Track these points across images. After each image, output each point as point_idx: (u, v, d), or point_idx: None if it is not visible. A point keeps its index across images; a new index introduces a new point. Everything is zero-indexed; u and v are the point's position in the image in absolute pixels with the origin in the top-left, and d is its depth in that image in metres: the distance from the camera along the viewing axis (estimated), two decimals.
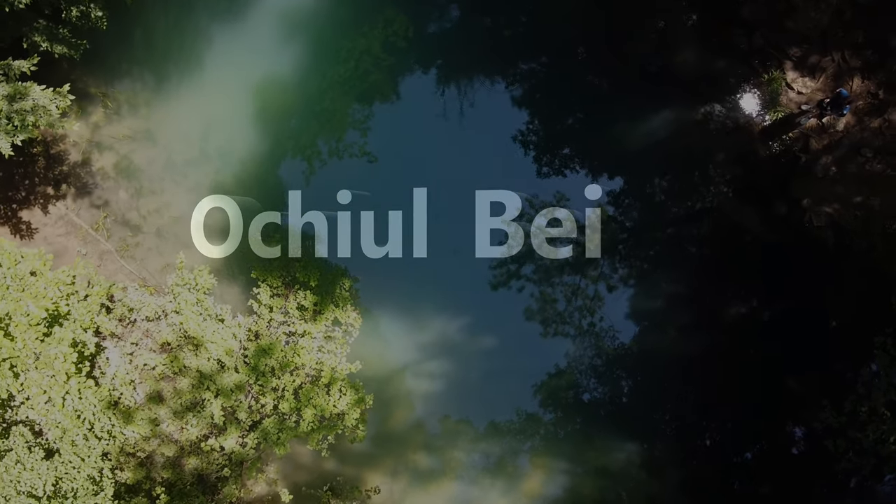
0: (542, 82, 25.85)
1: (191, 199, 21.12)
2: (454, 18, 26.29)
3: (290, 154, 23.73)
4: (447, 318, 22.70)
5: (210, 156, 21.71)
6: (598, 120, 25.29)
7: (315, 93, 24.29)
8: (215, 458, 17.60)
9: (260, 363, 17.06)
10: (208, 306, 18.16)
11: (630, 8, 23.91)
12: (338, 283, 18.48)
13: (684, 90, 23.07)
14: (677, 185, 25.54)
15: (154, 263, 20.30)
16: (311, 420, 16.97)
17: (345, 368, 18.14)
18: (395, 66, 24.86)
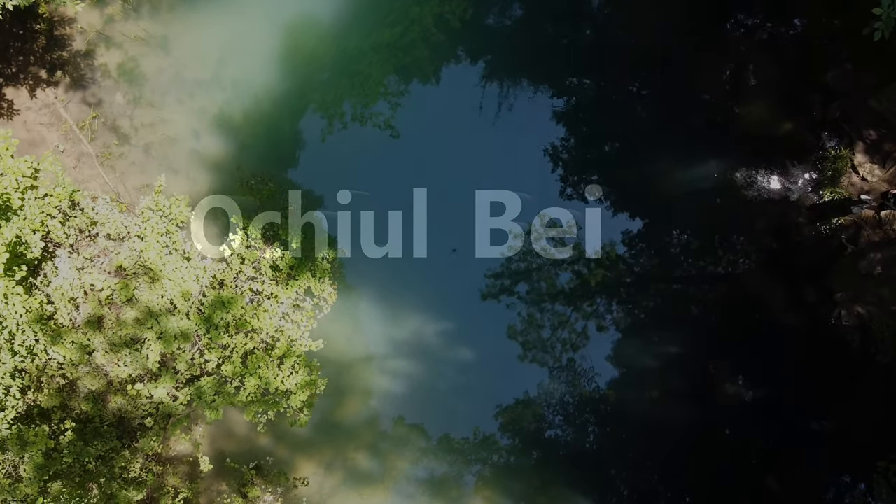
0: (588, 102, 24.23)
1: (191, 123, 19.40)
2: (515, 16, 24.60)
3: (311, 107, 22.04)
4: (427, 319, 21.04)
5: (223, 83, 19.95)
6: (637, 155, 23.76)
7: (354, 51, 22.59)
8: (142, 403, 15.91)
9: (215, 315, 15.36)
10: (177, 240, 16.46)
11: (704, 47, 22.25)
12: (321, 251, 16.79)
13: (739, 144, 21.44)
14: (699, 242, 24.11)
15: (134, 180, 18.57)
16: (253, 391, 15.27)
17: (305, 344, 16.47)
18: (443, 46, 23.24)
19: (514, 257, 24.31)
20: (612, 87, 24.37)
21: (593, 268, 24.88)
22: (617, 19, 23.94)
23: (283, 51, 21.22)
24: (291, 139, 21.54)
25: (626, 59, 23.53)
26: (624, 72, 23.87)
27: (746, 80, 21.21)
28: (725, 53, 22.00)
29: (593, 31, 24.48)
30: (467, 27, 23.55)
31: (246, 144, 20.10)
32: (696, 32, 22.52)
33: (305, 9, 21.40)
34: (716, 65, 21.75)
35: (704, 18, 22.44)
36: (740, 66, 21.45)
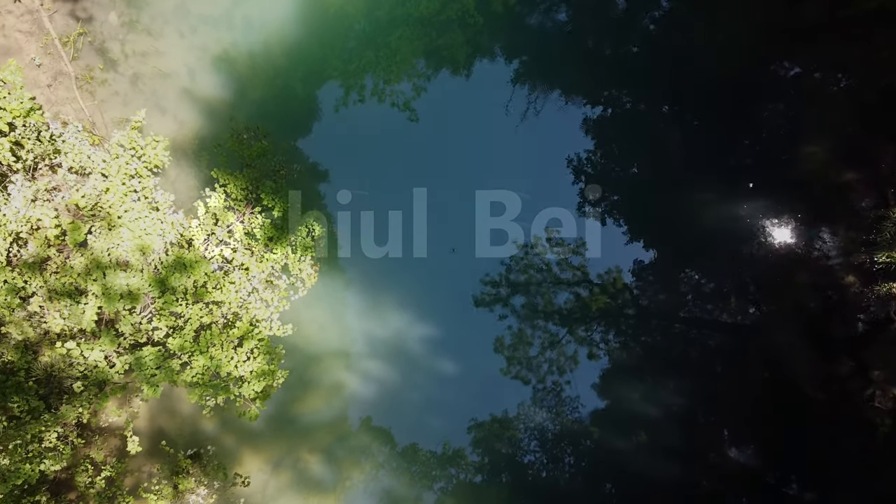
0: (623, 118, 22.30)
1: (189, 60, 17.29)
2: (558, 19, 22.60)
3: (330, 73, 20.03)
4: (413, 320, 19.03)
5: (234, 22, 17.85)
6: (668, 182, 21.91)
7: (385, 20, 20.55)
8: (75, 361, 13.84)
9: (172, 277, 13.29)
10: (147, 186, 14.39)
11: (768, 78, 20.27)
12: (306, 225, 14.74)
13: (787, 188, 19.52)
14: (713, 285, 22.38)
15: (114, 111, 16.47)
16: (201, 372, 13.20)
17: (271, 327, 14.45)
18: (480, 33, 21.33)
19: (514, 267, 22.73)
20: (650, 108, 22.47)
21: (596, 293, 23.27)
22: (671, 38, 21.96)
23: (311, 3, 19.20)
24: (300, 101, 19.53)
25: (672, 81, 21.63)
26: (665, 94, 21.98)
27: (810, 121, 19.21)
28: (792, 89, 20.02)
29: (640, 47, 22.52)
30: (508, 16, 21.63)
31: (246, 95, 18.04)
32: (760, 62, 20.53)
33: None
34: (778, 99, 19.77)
35: (774, 50, 20.43)
36: (806, 105, 19.44)
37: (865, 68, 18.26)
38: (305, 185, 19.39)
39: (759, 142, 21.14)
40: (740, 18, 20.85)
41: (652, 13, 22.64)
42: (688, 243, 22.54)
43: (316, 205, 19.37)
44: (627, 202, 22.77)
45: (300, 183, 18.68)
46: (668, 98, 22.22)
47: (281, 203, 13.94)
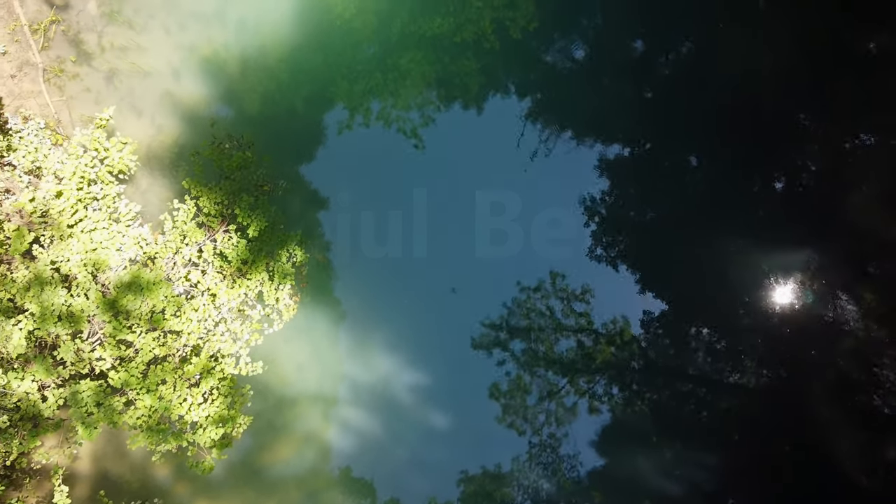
0: (641, 160, 20.60)
1: (173, 59, 15.58)
2: (575, 56, 21.07)
3: (335, 93, 18.42)
4: (403, 364, 17.00)
5: (227, 22, 16.19)
6: (684, 230, 20.18)
7: (396, 37, 18.99)
8: (2, 391, 11.79)
9: (125, 300, 11.36)
10: (109, 194, 12.54)
11: (803, 119, 18.64)
12: (287, 249, 12.84)
13: (826, 240, 17.73)
14: (727, 344, 20.55)
15: (83, 109, 14.70)
16: (147, 414, 11.17)
17: (239, 364, 12.46)
18: (495, 62, 19.79)
19: (516, 310, 21.00)
20: (672, 150, 20.79)
21: (601, 343, 21.45)
22: (695, 76, 20.40)
23: (315, 10, 17.63)
24: (301, 120, 17.80)
25: (699, 122, 20.01)
26: (692, 136, 20.36)
27: (855, 170, 17.47)
28: (838, 130, 18.31)
29: (661, 87, 20.92)
30: (524, 48, 20.07)
31: (234, 102, 16.31)
32: (802, 100, 18.87)
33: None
34: (819, 141, 18.06)
35: (819, 85, 18.77)
36: (855, 148, 17.70)
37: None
38: (303, 211, 17.70)
39: (792, 191, 19.42)
40: (781, 50, 19.32)
41: (676, 50, 21.12)
42: (705, 297, 20.74)
43: (314, 233, 17.68)
44: (641, 248, 21.03)
45: (291, 203, 16.96)
46: (691, 140, 20.58)
47: (258, 221, 12.06)
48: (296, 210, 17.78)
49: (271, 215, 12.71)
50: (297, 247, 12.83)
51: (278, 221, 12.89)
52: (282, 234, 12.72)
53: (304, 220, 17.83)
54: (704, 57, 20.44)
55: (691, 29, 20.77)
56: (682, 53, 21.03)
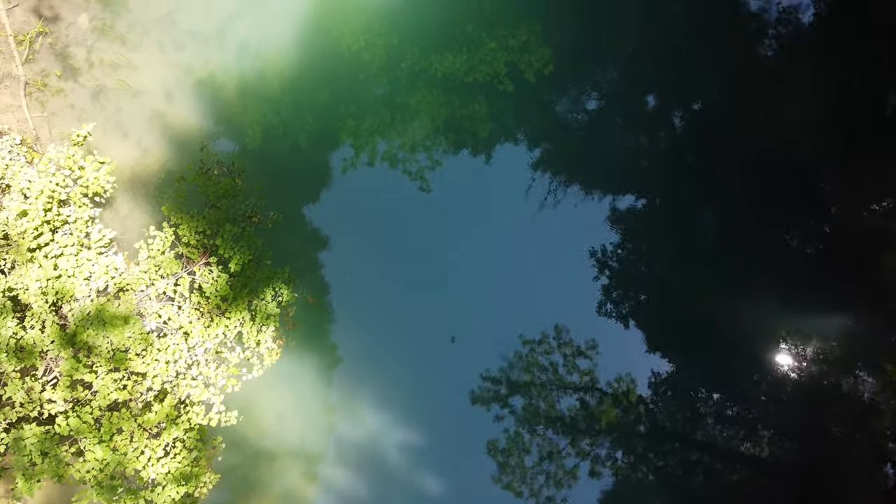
0: (655, 215, 19.57)
1: (167, 79, 14.60)
2: (588, 108, 20.25)
3: (341, 130, 17.52)
4: (394, 421, 15.61)
5: (227, 43, 15.27)
6: (699, 288, 19.04)
7: (405, 75, 18.15)
8: None
9: (85, 334, 10.11)
10: (81, 218, 11.40)
11: (832, 172, 17.63)
12: (272, 287, 11.62)
13: (859, 302, 16.52)
14: (738, 410, 19.32)
15: (65, 127, 13.64)
16: (97, 466, 9.80)
17: (209, 412, 11.14)
18: (508, 104, 18.97)
19: (517, 364, 19.85)
20: (688, 205, 19.79)
21: (606, 403, 20.18)
22: (712, 129, 19.48)
23: (322, 39, 16.81)
24: (300, 154, 16.81)
25: (717, 178, 19.06)
26: (709, 193, 19.37)
27: (889, 225, 16.37)
28: (862, 193, 17.29)
29: (677, 140, 20.01)
30: (539, 87, 19.24)
31: (234, 134, 15.34)
32: (832, 152, 17.87)
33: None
34: (852, 196, 16.99)
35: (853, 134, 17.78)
36: (883, 212, 16.64)
37: None
38: (304, 250, 16.64)
39: (813, 253, 18.33)
40: (807, 105, 18.44)
41: (693, 102, 20.25)
42: (717, 359, 19.54)
43: (314, 273, 16.60)
44: (651, 305, 19.86)
45: (291, 242, 15.87)
46: (707, 196, 19.56)
47: (241, 254, 10.88)
48: (295, 249, 16.72)
49: (257, 249, 11.54)
50: (284, 285, 11.62)
51: (265, 256, 11.70)
52: (268, 270, 11.52)
53: (303, 259, 16.79)
54: (723, 110, 19.56)
55: (711, 80, 19.91)
56: (700, 105, 20.16)
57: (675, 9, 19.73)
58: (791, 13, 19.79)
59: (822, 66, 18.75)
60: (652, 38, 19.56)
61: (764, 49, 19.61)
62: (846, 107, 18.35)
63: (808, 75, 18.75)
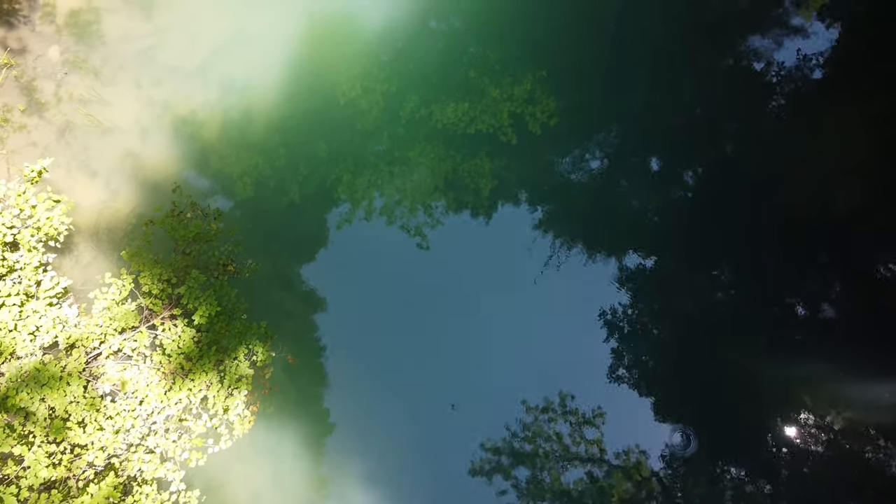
0: (667, 277, 18.23)
1: (143, 116, 13.43)
2: (592, 169, 19.14)
3: (335, 183, 16.37)
4: (386, 498, 13.87)
5: (209, 80, 14.16)
6: (717, 355, 17.57)
7: (405, 124, 17.13)
8: None
9: (17, 398, 8.56)
10: (30, 264, 9.99)
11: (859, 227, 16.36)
12: (245, 344, 10.12)
13: (881, 379, 15.05)
14: (770, 490, 17.59)
15: (26, 160, 12.40)
16: None
17: (166, 495, 9.48)
18: (511, 158, 17.88)
19: (520, 433, 18.28)
20: (702, 267, 18.47)
21: (616, 477, 18.47)
22: (725, 188, 18.32)
23: (316, 82, 15.78)
24: (293, 207, 15.58)
25: (733, 238, 17.80)
26: (725, 253, 18.08)
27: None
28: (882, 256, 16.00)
29: (689, 199, 18.84)
30: (543, 142, 18.17)
31: (223, 185, 14.14)
32: (841, 222, 16.65)
33: (365, 37, 16.25)
34: (863, 264, 15.67)
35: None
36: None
37: None
38: (297, 309, 15.26)
39: (839, 316, 16.93)
40: (820, 165, 17.30)
41: (706, 157, 19.14)
42: (736, 430, 17.91)
43: (309, 337, 15.21)
44: (664, 370, 18.32)
45: (284, 302, 14.50)
46: (722, 256, 18.26)
47: (207, 305, 9.41)
48: (289, 308, 15.40)
49: (230, 300, 10.09)
50: (259, 342, 10.11)
51: (238, 309, 10.23)
52: (241, 324, 10.02)
53: (297, 319, 15.42)
54: (736, 168, 18.39)
55: (721, 140, 18.83)
56: (711, 162, 18.99)
57: (684, 63, 18.88)
58: (804, 66, 18.94)
59: (837, 127, 17.77)
60: (662, 92, 18.62)
61: (776, 104, 18.67)
62: (862, 168, 17.27)
63: (819, 138, 17.74)
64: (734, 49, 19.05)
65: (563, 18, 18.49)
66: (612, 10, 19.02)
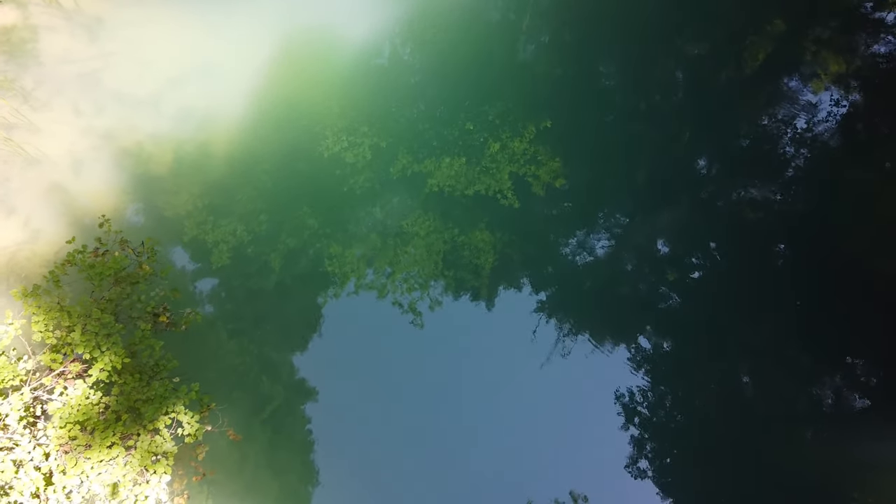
0: (684, 361, 15.89)
1: (79, 146, 11.40)
2: (596, 249, 17.13)
3: (321, 253, 14.32)
4: None
5: (163, 109, 12.22)
6: (744, 441, 15.03)
7: (396, 180, 15.23)
8: None
9: None
10: None
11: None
12: (169, 412, 7.64)
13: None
14: None
15: None
16: None
17: None
18: (513, 232, 15.85)
19: None
20: (724, 351, 16.19)
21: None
22: (743, 271, 16.29)
23: (297, 134, 13.98)
24: (278, 281, 13.43)
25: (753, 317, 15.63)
26: (748, 342, 15.86)
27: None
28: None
29: (708, 279, 16.78)
30: (547, 211, 16.24)
31: (196, 253, 12.03)
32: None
33: (347, 81, 14.58)
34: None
35: None
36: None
37: None
38: (280, 393, 12.87)
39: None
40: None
41: (719, 245, 17.15)
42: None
43: (300, 430, 12.80)
44: (688, 462, 15.67)
45: (271, 391, 12.16)
46: (756, 330, 15.98)
47: (111, 356, 7.03)
48: (270, 393, 13.02)
49: (152, 355, 7.71)
50: (187, 412, 7.66)
51: (163, 367, 7.82)
52: (163, 386, 7.56)
53: (278, 401, 12.99)
54: (750, 253, 16.39)
55: (739, 212, 16.94)
56: (723, 248, 16.98)
57: (689, 136, 17.24)
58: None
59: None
60: (671, 154, 16.90)
61: (785, 179, 16.96)
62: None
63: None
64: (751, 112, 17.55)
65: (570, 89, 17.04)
66: (619, 83, 17.63)
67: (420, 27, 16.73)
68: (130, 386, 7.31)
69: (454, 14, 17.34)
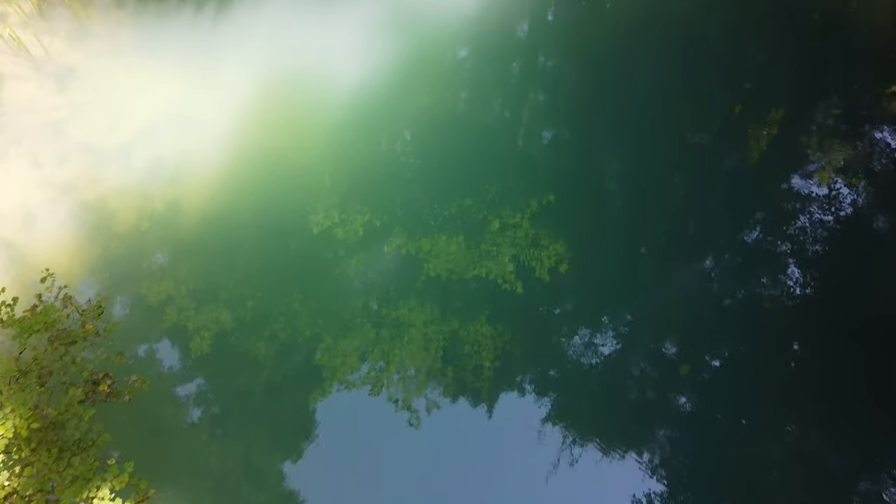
0: (700, 461, 14.25)
1: (35, 199, 10.29)
2: (602, 350, 15.81)
3: (314, 345, 13.08)
4: None
5: (133, 162, 11.17)
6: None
7: (391, 288, 14.08)
8: None
9: None
10: None
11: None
12: (86, 495, 6.11)
13: None
14: None
15: None
16: None
17: None
18: (515, 328, 14.52)
19: None
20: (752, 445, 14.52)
21: None
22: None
23: (283, 206, 13.00)
24: (262, 368, 12.12)
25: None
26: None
27: None
28: None
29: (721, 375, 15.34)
30: (553, 292, 14.99)
31: (175, 337, 10.79)
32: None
33: (336, 147, 13.69)
34: None
35: None
36: None
37: None
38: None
39: None
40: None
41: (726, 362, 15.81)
42: None
43: None
44: None
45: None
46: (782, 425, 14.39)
47: (15, 417, 5.61)
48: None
49: (80, 426, 6.30)
50: (115, 498, 6.14)
51: (92, 442, 6.37)
52: (86, 464, 6.07)
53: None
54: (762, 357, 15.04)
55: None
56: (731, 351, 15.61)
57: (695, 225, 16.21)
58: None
59: None
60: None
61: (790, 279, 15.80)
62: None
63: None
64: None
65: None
66: (621, 169, 16.79)
67: (415, 86, 15.99)
68: (42, 462, 5.87)
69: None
